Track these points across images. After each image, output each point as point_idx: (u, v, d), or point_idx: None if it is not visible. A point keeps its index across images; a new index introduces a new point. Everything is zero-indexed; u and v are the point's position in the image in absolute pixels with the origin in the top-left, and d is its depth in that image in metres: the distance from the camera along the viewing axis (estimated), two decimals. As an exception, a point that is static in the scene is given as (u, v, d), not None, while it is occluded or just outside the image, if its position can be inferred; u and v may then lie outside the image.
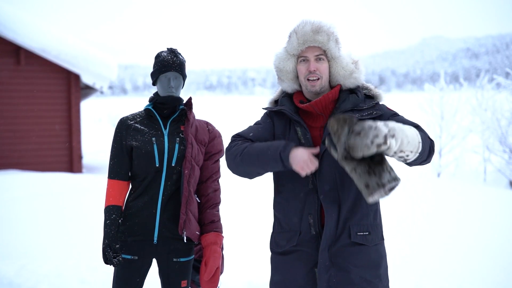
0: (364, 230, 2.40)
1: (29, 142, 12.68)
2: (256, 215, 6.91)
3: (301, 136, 2.45)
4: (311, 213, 2.40)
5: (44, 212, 7.08)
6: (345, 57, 2.51)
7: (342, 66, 2.49)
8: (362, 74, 2.54)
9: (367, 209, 2.42)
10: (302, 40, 2.46)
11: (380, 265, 2.43)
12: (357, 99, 2.46)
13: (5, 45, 12.24)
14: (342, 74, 2.49)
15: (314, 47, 2.47)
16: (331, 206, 2.37)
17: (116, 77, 14.16)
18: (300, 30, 2.47)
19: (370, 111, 2.45)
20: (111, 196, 2.78)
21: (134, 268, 2.74)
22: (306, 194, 2.41)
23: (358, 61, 2.54)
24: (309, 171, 2.29)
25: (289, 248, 2.45)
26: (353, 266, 2.36)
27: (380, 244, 2.46)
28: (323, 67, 2.47)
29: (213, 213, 2.85)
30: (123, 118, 2.84)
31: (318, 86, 2.46)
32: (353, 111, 2.43)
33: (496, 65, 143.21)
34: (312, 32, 2.45)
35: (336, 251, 2.36)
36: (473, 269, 5.00)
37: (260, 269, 4.91)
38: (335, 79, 2.52)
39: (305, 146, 2.42)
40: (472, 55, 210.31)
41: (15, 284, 4.51)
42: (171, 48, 2.84)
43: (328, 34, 2.46)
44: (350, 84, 2.51)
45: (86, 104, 38.66)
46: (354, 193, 2.39)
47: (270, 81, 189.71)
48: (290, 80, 2.56)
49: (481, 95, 14.76)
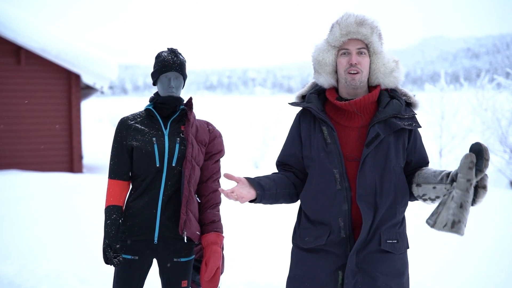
0: (393, 238, 2.38)
1: (30, 142, 12.68)
2: (256, 215, 6.91)
3: (327, 135, 2.40)
4: (341, 215, 2.37)
5: (45, 212, 7.08)
6: (387, 53, 2.46)
7: (383, 62, 2.44)
8: (402, 74, 2.49)
9: (398, 218, 2.40)
10: (345, 31, 2.40)
11: (404, 274, 2.42)
12: (400, 105, 2.41)
13: (5, 45, 12.24)
14: (382, 71, 2.44)
15: (357, 40, 2.41)
16: (367, 211, 2.33)
17: (116, 77, 14.16)
18: (344, 21, 2.42)
19: (410, 122, 2.42)
20: (112, 196, 2.77)
21: (135, 268, 2.74)
22: (334, 195, 2.37)
23: (399, 61, 2.49)
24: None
25: (315, 246, 2.41)
26: (379, 273, 2.35)
27: (405, 252, 2.45)
28: (365, 61, 2.41)
29: (214, 213, 2.84)
30: (123, 118, 2.84)
31: (357, 80, 2.40)
32: (395, 118, 2.39)
33: (496, 65, 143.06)
34: (355, 24, 2.40)
35: (364, 256, 2.35)
36: (473, 269, 5.00)
37: (261, 269, 4.91)
38: (374, 75, 2.46)
39: (332, 146, 2.38)
40: (472, 55, 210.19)
41: (15, 284, 4.51)
42: (172, 48, 2.84)
43: (372, 27, 2.41)
44: (389, 83, 2.46)
45: (87, 104, 38.62)
46: (390, 200, 2.36)
47: (271, 81, 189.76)
48: (328, 73, 2.48)
49: (482, 95, 14.74)
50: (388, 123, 2.38)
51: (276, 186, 2.45)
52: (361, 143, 2.39)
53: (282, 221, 4.85)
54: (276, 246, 5.41)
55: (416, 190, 2.40)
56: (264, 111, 20.28)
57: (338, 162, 2.37)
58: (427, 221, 2.21)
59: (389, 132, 2.37)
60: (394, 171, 2.38)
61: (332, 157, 2.38)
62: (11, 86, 12.53)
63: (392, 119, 2.38)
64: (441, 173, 2.31)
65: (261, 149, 18.53)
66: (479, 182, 2.20)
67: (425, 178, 2.37)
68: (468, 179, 2.14)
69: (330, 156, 2.38)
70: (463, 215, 2.14)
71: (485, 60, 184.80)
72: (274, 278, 4.61)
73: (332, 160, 2.38)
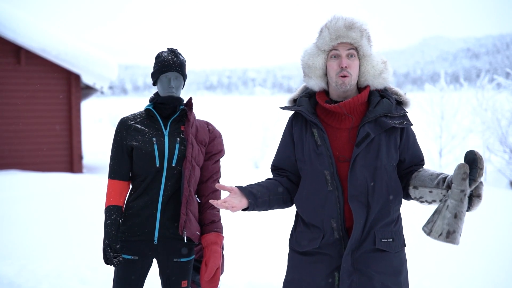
0: (388, 237, 2.39)
1: (30, 142, 12.69)
2: (257, 215, 6.91)
3: (318, 137, 2.40)
4: (333, 216, 2.37)
5: (45, 212, 7.08)
6: (376, 56, 2.47)
7: (372, 65, 2.45)
8: (390, 74, 2.50)
9: (393, 216, 2.41)
10: (334, 36, 2.41)
11: (401, 272, 2.42)
12: (390, 104, 2.42)
13: (5, 45, 12.25)
14: (372, 73, 2.45)
15: (346, 43, 2.42)
16: (360, 211, 2.34)
17: (116, 77, 14.16)
18: (333, 25, 2.42)
19: (401, 120, 2.42)
20: (112, 196, 2.77)
21: (135, 268, 2.74)
22: (326, 196, 2.38)
23: (387, 62, 2.50)
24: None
25: (311, 250, 2.42)
26: (375, 272, 2.35)
27: (402, 251, 2.45)
28: (354, 64, 2.42)
29: (214, 213, 2.84)
30: (123, 118, 2.84)
31: (347, 84, 2.40)
32: (385, 117, 2.39)
33: (496, 65, 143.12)
34: (345, 28, 2.40)
35: (359, 256, 2.35)
36: (473, 269, 5.00)
37: (261, 269, 4.91)
38: (364, 77, 2.47)
39: (322, 147, 2.39)
40: (472, 55, 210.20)
41: (16, 284, 4.51)
42: (172, 48, 2.84)
43: (361, 30, 2.42)
44: (378, 84, 2.47)
45: (87, 104, 38.61)
46: (383, 199, 2.37)
47: (271, 81, 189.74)
48: (318, 77, 2.49)
49: (482, 95, 14.74)
50: (379, 122, 2.39)
51: (268, 193, 2.46)
52: (352, 144, 2.40)
53: (282, 221, 4.86)
54: (276, 247, 5.41)
55: (413, 192, 2.41)
56: (264, 111, 20.29)
57: (329, 163, 2.37)
58: (423, 229, 2.24)
59: (380, 132, 2.38)
60: (385, 170, 2.38)
61: (323, 159, 2.38)
62: (11, 86, 12.53)
63: (382, 118, 2.39)
64: (438, 177, 2.32)
65: (261, 149, 18.53)
66: (473, 191, 2.21)
67: (421, 181, 2.37)
68: (461, 190, 2.15)
69: (320, 158, 2.39)
70: (457, 225, 2.16)
71: (485, 60, 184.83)
72: (274, 278, 4.61)
73: (323, 162, 2.38)
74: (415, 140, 2.50)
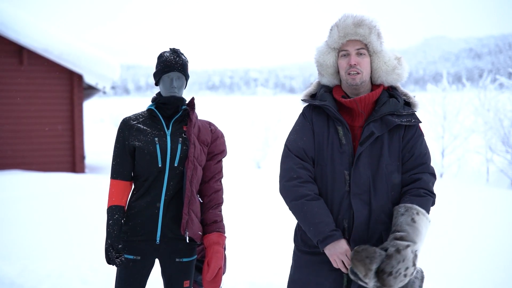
0: None
1: (32, 142, 12.71)
2: (258, 215, 6.91)
3: (342, 136, 2.40)
4: (345, 217, 2.37)
5: (47, 212, 7.09)
6: (387, 52, 2.47)
7: (384, 61, 2.45)
8: (405, 71, 2.50)
9: None
10: (343, 33, 2.42)
11: None
12: (397, 103, 2.41)
13: (7, 45, 12.27)
14: (384, 69, 2.45)
15: (356, 40, 2.42)
16: (361, 209, 2.34)
17: (118, 77, 14.18)
18: (342, 23, 2.44)
19: (409, 118, 2.42)
20: (114, 196, 2.77)
21: (137, 268, 2.74)
22: (342, 196, 2.37)
23: (401, 58, 2.50)
24: (339, 266, 2.30)
25: (318, 250, 2.40)
26: None
27: None
28: (364, 61, 2.42)
29: (216, 213, 2.84)
30: (125, 118, 2.84)
31: (358, 80, 2.41)
32: (392, 115, 2.39)
33: (498, 65, 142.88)
34: (353, 25, 2.41)
35: None
36: (475, 269, 4.99)
37: (263, 269, 4.91)
38: (377, 74, 2.47)
39: (346, 147, 2.38)
40: (474, 56, 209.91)
41: (17, 284, 4.51)
42: (174, 48, 2.83)
43: (369, 27, 2.42)
44: (392, 80, 2.47)
45: (89, 104, 38.65)
46: (385, 199, 2.37)
47: (273, 82, 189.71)
48: (330, 75, 2.51)
49: (484, 95, 14.73)
50: (384, 121, 2.38)
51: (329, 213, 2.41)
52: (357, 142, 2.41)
53: (284, 221, 4.85)
54: (278, 246, 5.41)
55: None
56: (266, 111, 20.30)
57: (349, 163, 2.37)
58: None
59: (385, 131, 2.38)
60: (386, 170, 2.38)
61: (345, 158, 2.38)
62: (13, 86, 12.55)
63: (387, 117, 2.38)
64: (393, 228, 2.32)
65: (263, 149, 18.53)
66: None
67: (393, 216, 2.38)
68: None
69: (343, 157, 2.38)
70: None
71: (487, 60, 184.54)
72: (276, 278, 4.61)
73: (344, 161, 2.38)
74: (422, 143, 2.48)
